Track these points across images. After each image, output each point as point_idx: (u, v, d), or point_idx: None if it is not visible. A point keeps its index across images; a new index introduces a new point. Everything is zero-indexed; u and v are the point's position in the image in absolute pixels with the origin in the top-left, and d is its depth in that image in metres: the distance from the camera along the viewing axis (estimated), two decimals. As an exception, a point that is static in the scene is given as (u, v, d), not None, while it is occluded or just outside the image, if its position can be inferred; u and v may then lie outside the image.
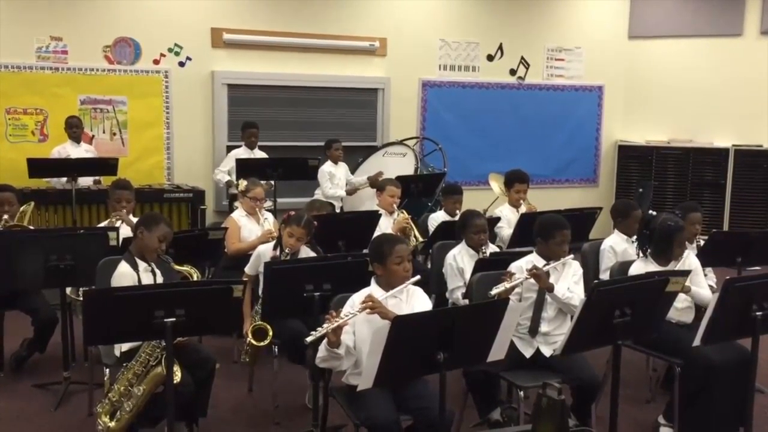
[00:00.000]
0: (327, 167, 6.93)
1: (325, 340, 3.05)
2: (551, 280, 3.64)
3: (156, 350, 3.33)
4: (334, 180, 6.94)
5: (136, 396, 3.33)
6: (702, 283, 4.00)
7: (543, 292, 3.64)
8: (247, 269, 4.31)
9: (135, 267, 3.62)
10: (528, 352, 3.65)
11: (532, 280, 3.60)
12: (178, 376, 3.21)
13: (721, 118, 8.77)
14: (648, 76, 9.06)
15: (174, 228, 6.31)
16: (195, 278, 3.62)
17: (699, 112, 8.85)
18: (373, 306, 3.04)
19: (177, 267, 3.61)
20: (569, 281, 3.71)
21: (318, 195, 6.90)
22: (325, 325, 2.98)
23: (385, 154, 7.59)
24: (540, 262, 3.71)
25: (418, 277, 3.23)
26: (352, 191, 6.97)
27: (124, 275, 3.57)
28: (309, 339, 2.98)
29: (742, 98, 8.64)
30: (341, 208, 6.86)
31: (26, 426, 3.95)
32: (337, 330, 3.01)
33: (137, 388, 3.33)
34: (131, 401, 3.34)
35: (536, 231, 3.79)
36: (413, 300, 3.25)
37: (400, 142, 7.69)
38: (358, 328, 3.15)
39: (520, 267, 3.72)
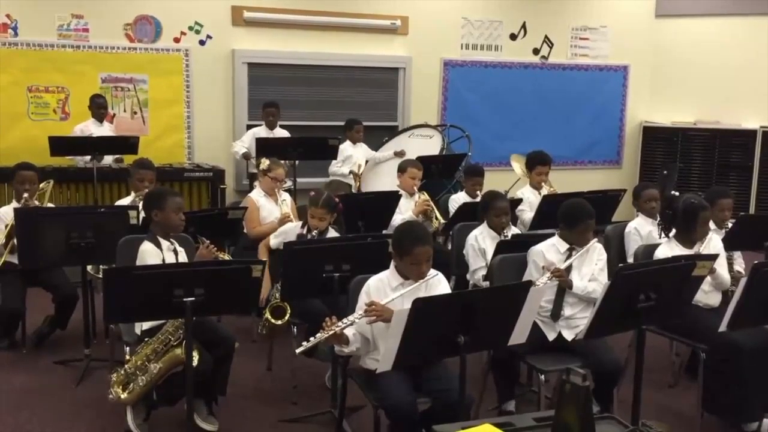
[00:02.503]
0: (344, 146, 6.89)
1: None
2: (574, 264, 3.59)
3: (178, 331, 3.32)
4: (351, 160, 6.90)
5: (150, 373, 3.34)
6: (722, 266, 3.93)
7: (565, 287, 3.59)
8: (271, 238, 4.36)
9: (159, 247, 3.62)
10: (551, 336, 3.60)
11: (553, 258, 3.56)
12: (196, 359, 3.20)
13: (750, 99, 8.58)
14: (675, 56, 8.88)
15: (194, 207, 6.42)
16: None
17: (727, 92, 8.67)
18: (376, 314, 2.96)
19: (217, 253, 3.64)
20: (593, 267, 3.65)
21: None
22: (318, 335, 2.94)
23: (411, 136, 7.53)
24: (562, 246, 3.66)
25: (435, 273, 3.15)
26: (357, 175, 6.89)
27: (149, 252, 3.57)
28: (299, 350, 2.94)
29: (771, 79, 8.45)
30: (359, 188, 6.82)
31: (48, 402, 3.99)
32: (337, 337, 2.97)
33: (153, 365, 3.34)
34: (145, 376, 3.35)
35: (560, 217, 3.70)
36: (432, 289, 3.15)
37: (428, 126, 7.59)
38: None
39: (540, 252, 3.65)
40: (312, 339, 2.92)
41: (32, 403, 3.96)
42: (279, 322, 3.96)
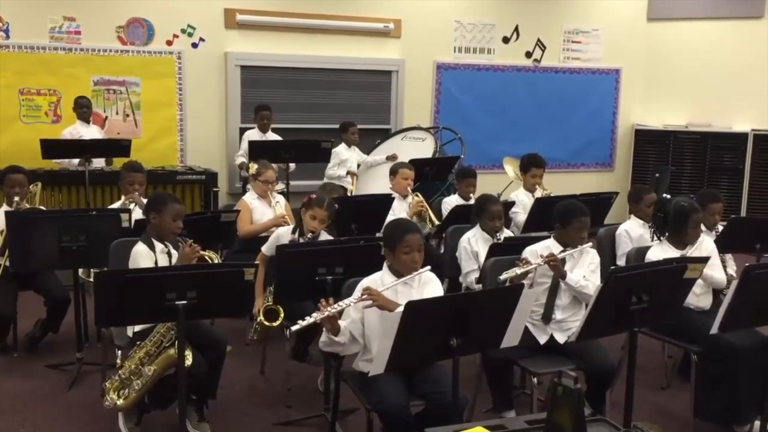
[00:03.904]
0: (339, 149, 6.89)
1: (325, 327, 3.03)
2: (567, 267, 3.59)
3: (170, 332, 3.32)
4: (346, 164, 6.90)
5: (146, 375, 3.33)
6: (715, 267, 3.95)
7: (558, 278, 3.59)
8: (264, 248, 4.26)
9: (152, 249, 3.61)
10: (542, 339, 3.60)
11: (546, 266, 3.55)
12: (189, 359, 3.20)
13: (741, 101, 8.63)
14: (667, 59, 8.92)
15: (187, 210, 6.37)
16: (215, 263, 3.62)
17: (718, 95, 8.71)
18: (372, 298, 2.98)
19: (200, 252, 3.60)
20: (585, 269, 3.64)
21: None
22: (314, 315, 2.94)
23: (404, 138, 7.54)
24: (557, 248, 3.65)
25: (427, 268, 3.17)
26: (353, 173, 6.90)
27: (141, 254, 3.57)
28: (294, 328, 2.94)
29: (762, 82, 8.50)
30: (351, 191, 6.83)
31: (40, 406, 3.97)
32: (332, 319, 2.97)
33: (148, 368, 3.33)
34: (140, 380, 3.34)
35: (555, 216, 3.71)
36: (424, 288, 3.19)
37: (420, 128, 7.59)
38: (369, 318, 3.11)
39: (534, 252, 3.66)
40: (308, 318, 2.92)
41: (24, 407, 3.94)
42: (273, 325, 3.95)
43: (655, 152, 8.95)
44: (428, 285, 3.21)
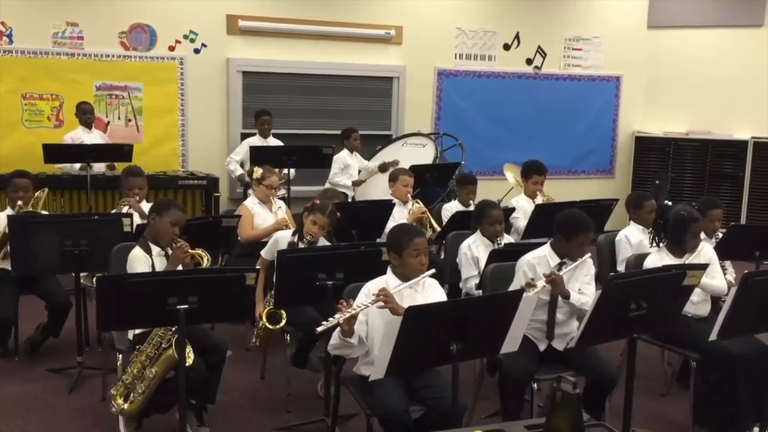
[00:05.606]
0: (343, 156, 6.91)
1: (338, 329, 3.04)
2: (564, 278, 3.50)
3: (168, 333, 3.33)
4: (348, 170, 6.91)
5: (148, 378, 3.35)
6: (716, 274, 3.95)
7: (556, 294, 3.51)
8: (263, 253, 4.27)
9: (149, 252, 3.63)
10: (542, 346, 3.59)
11: (543, 272, 3.50)
12: (191, 359, 3.21)
13: (741, 109, 8.66)
14: (667, 66, 8.94)
15: (188, 215, 6.40)
16: (206, 261, 3.61)
17: (718, 103, 8.74)
18: (386, 300, 3.00)
19: (190, 251, 3.61)
20: (581, 281, 3.56)
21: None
22: (336, 315, 2.95)
23: (404, 144, 7.55)
24: (554, 258, 3.54)
25: (432, 270, 3.20)
26: (359, 182, 6.93)
27: (138, 258, 3.59)
28: (320, 329, 2.96)
29: (762, 89, 8.52)
30: (353, 197, 6.85)
31: (40, 410, 3.98)
32: (350, 319, 2.99)
33: (150, 370, 3.35)
34: (144, 383, 3.36)
35: (558, 226, 3.54)
36: (429, 292, 3.22)
37: (420, 134, 7.61)
38: (372, 319, 3.12)
39: (532, 264, 3.53)
40: (331, 319, 2.94)
41: (25, 411, 3.95)
42: (276, 327, 3.96)
43: (656, 159, 8.97)
44: (432, 290, 3.23)
